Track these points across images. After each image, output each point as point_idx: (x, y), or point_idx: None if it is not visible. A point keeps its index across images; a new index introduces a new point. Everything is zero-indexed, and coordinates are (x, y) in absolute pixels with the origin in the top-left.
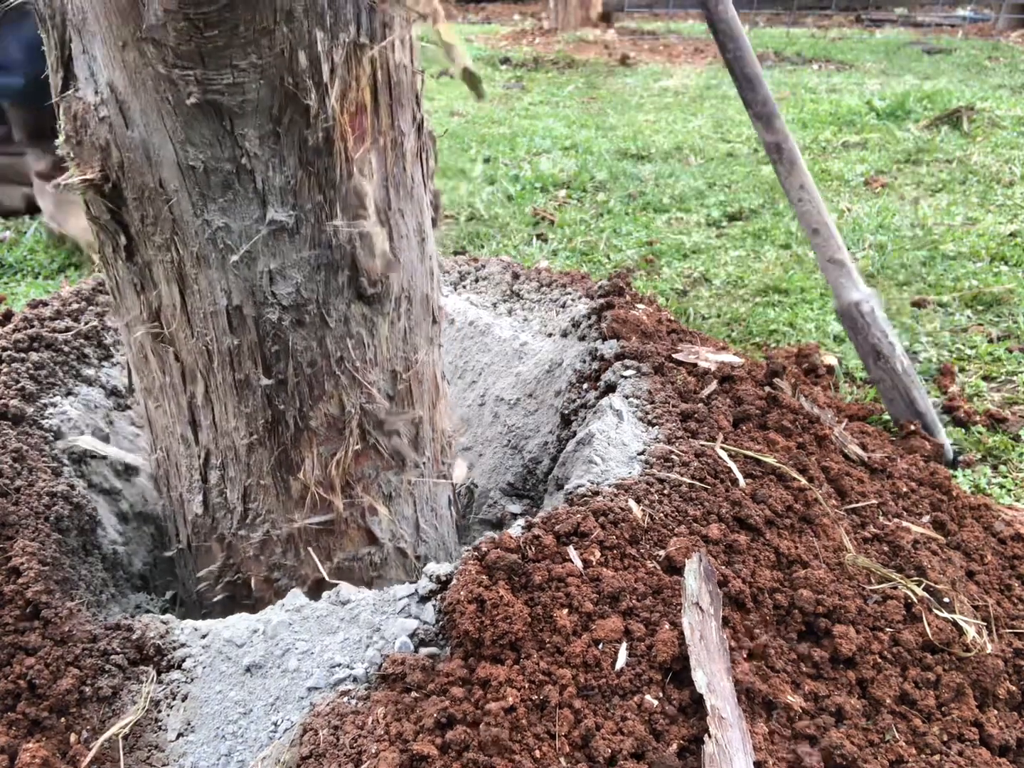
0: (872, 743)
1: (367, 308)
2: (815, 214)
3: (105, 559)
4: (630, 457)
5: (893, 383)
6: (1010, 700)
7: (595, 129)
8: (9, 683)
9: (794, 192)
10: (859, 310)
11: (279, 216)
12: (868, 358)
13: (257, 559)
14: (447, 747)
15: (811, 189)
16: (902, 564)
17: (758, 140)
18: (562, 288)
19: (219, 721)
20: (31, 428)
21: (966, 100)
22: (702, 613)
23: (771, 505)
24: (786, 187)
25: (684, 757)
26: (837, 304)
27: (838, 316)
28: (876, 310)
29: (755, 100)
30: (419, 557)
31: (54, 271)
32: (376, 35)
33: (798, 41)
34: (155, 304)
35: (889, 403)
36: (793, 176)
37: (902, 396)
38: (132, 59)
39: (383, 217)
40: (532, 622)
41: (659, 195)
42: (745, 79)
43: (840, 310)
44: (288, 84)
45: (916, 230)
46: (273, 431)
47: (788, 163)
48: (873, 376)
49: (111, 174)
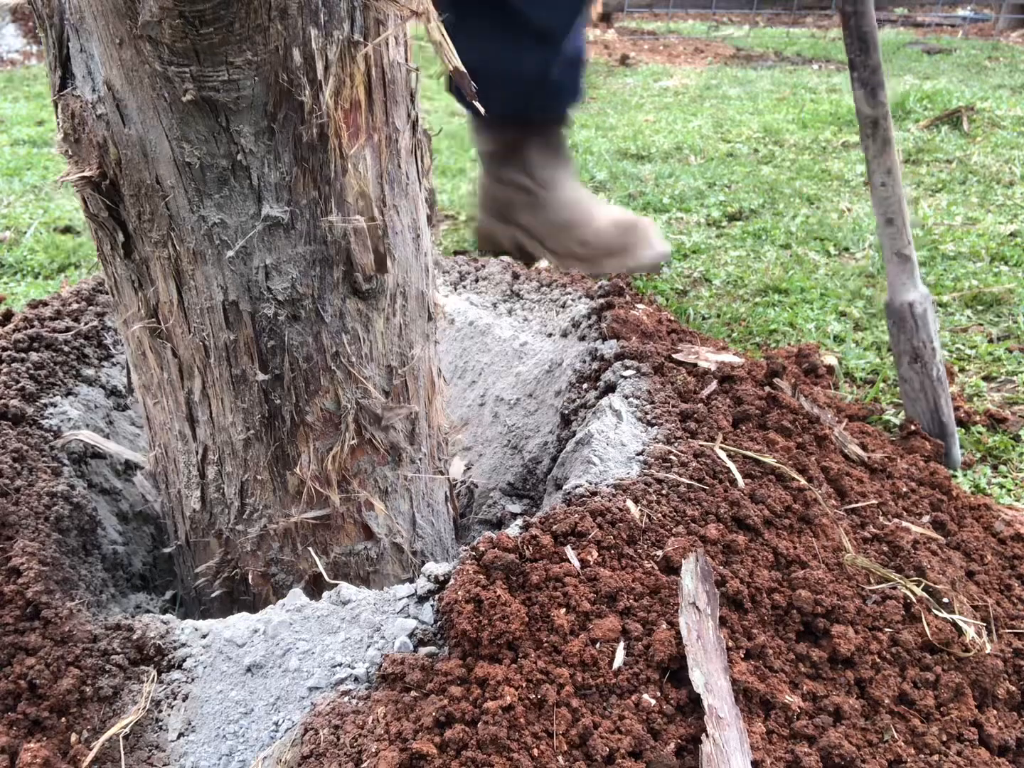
0: (871, 743)
1: (362, 303)
2: (894, 203)
3: (105, 559)
4: (629, 457)
5: (922, 387)
6: (1009, 700)
7: (595, 129)
8: (9, 683)
9: (878, 175)
10: (912, 311)
11: (274, 212)
12: (904, 356)
13: (254, 554)
14: (446, 746)
15: (896, 175)
16: (902, 564)
17: (757, 138)
18: (562, 288)
19: (220, 721)
20: (31, 428)
21: (966, 100)
22: (699, 613)
23: (770, 505)
24: (871, 167)
25: (682, 756)
26: (890, 299)
27: (886, 310)
28: (928, 312)
29: (864, 64)
30: (415, 552)
31: (54, 271)
32: (370, 32)
33: (798, 41)
34: (153, 300)
35: (910, 403)
36: (883, 157)
37: (928, 402)
38: (129, 57)
39: (378, 213)
40: (530, 622)
41: (659, 195)
42: (859, 39)
43: (891, 306)
44: (283, 81)
45: (916, 230)
46: (270, 426)
47: (881, 142)
48: (903, 374)
49: (108, 171)
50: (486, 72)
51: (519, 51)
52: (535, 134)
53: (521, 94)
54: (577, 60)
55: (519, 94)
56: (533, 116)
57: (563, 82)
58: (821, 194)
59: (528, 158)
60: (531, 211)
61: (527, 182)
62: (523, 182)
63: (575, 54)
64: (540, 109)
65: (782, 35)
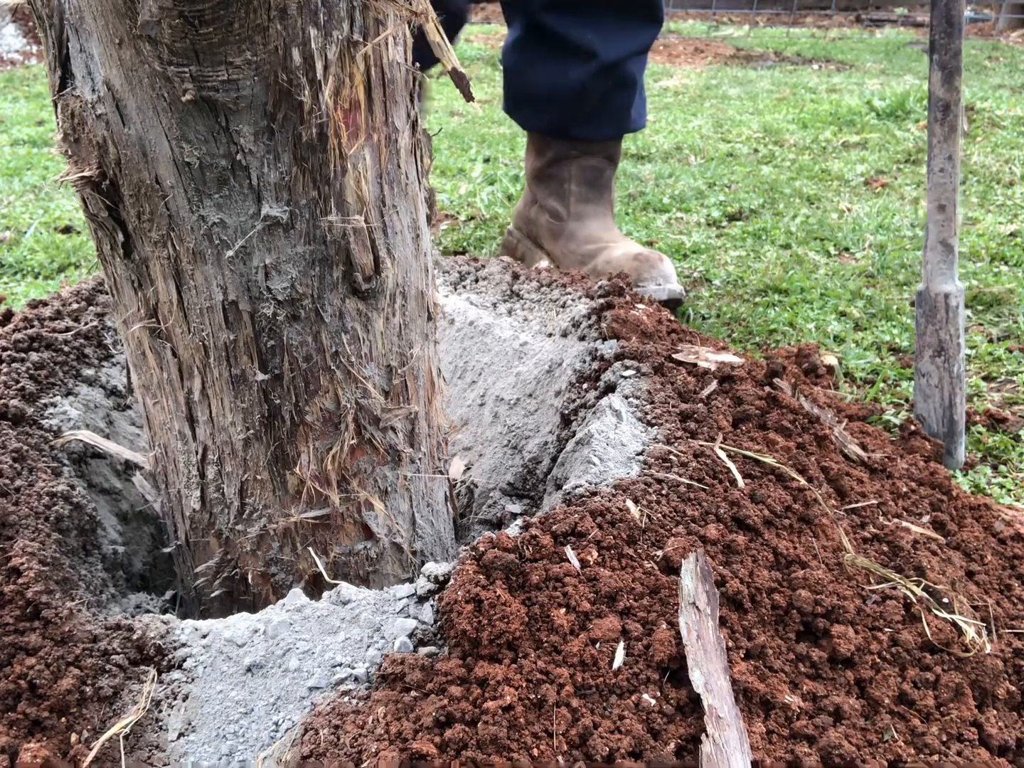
0: (871, 743)
1: (362, 303)
2: (948, 190)
3: (105, 559)
4: (629, 457)
5: (940, 382)
6: (1009, 700)
7: None
8: (9, 683)
9: (939, 160)
10: (947, 302)
11: (274, 212)
12: (927, 349)
13: (254, 554)
14: (446, 746)
15: (956, 163)
16: (901, 564)
17: (757, 138)
18: (562, 288)
19: (220, 721)
20: (31, 428)
21: (966, 100)
22: (699, 613)
23: (770, 505)
24: (933, 151)
25: (682, 756)
26: (925, 288)
27: (918, 298)
28: (960, 307)
29: (947, 47)
30: (415, 552)
31: (54, 271)
32: (369, 32)
33: (798, 41)
34: (152, 300)
35: (923, 399)
36: (947, 143)
37: (943, 398)
38: (128, 56)
39: (378, 213)
40: (529, 622)
41: (659, 195)
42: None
43: (925, 295)
44: (282, 81)
45: (916, 230)
46: (269, 426)
47: (948, 128)
48: (922, 368)
49: (108, 171)
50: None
51: (562, 64)
52: (577, 160)
53: (561, 110)
54: (626, 85)
55: (559, 110)
56: (574, 136)
57: (607, 104)
58: (821, 194)
59: (566, 185)
60: (555, 238)
61: (560, 209)
62: (556, 207)
63: (625, 79)
64: (581, 130)
65: (782, 35)
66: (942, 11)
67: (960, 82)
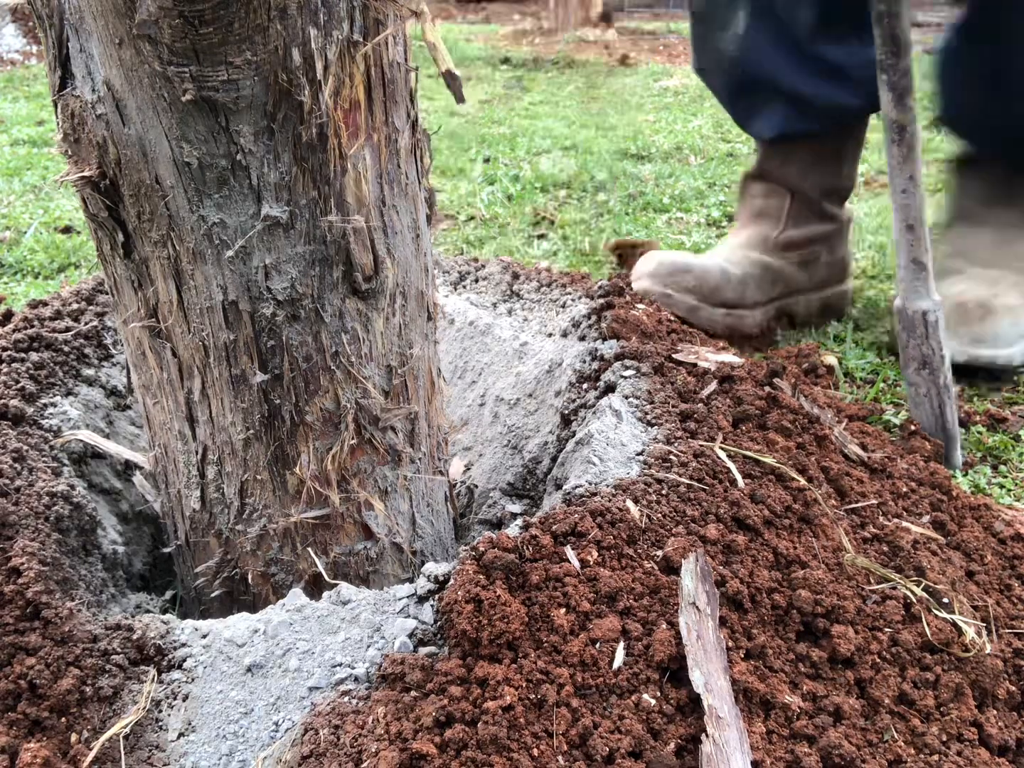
0: (870, 743)
1: (362, 303)
2: (915, 210)
3: (105, 559)
4: (628, 457)
5: (928, 393)
6: (1009, 700)
7: (595, 129)
8: (9, 683)
9: (900, 181)
10: (925, 319)
11: (274, 212)
12: (912, 362)
13: (254, 554)
14: (446, 746)
15: (919, 182)
16: (901, 564)
17: None
18: (562, 288)
19: (220, 721)
20: (31, 428)
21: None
22: (699, 613)
23: (770, 505)
24: (894, 173)
25: (682, 756)
26: (902, 306)
27: (897, 315)
28: (940, 321)
29: (895, 67)
30: (415, 552)
31: (54, 271)
32: (369, 32)
33: None
34: (152, 300)
35: (915, 407)
36: (907, 164)
37: (933, 407)
38: (128, 56)
39: (378, 213)
40: (529, 622)
41: (659, 195)
42: (891, 41)
43: (903, 313)
44: (282, 81)
45: None
46: (269, 426)
47: (907, 148)
48: (910, 379)
49: (108, 171)
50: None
51: None
52: None
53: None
54: None
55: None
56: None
57: None
58: None
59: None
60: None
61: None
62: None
63: None
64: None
65: None
66: (886, 31)
67: (913, 102)
